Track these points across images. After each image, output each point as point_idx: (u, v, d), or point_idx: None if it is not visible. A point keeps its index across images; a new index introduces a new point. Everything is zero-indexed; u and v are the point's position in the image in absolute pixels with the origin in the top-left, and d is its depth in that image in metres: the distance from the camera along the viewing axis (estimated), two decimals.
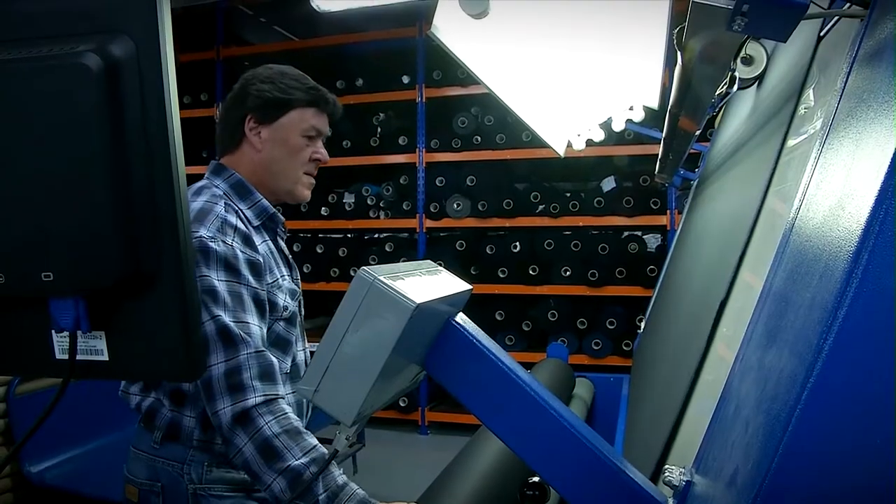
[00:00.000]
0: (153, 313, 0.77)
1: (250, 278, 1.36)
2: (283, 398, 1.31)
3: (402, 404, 5.44)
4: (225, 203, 1.40)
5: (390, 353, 0.69)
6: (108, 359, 0.79)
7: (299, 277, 1.61)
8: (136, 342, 0.78)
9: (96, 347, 0.80)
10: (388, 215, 5.63)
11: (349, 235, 5.97)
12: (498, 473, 1.69)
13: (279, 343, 1.45)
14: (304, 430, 1.28)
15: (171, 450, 1.40)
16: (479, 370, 0.81)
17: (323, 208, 5.69)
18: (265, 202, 1.49)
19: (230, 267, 1.33)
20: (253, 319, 1.34)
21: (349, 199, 5.65)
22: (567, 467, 0.79)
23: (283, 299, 1.45)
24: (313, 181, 1.56)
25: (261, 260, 1.39)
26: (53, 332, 0.80)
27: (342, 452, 0.86)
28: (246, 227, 1.41)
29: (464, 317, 0.87)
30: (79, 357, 0.79)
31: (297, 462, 1.22)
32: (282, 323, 1.45)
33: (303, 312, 1.59)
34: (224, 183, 1.47)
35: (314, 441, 1.27)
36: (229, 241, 1.35)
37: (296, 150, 1.50)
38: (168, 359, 0.78)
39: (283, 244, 1.57)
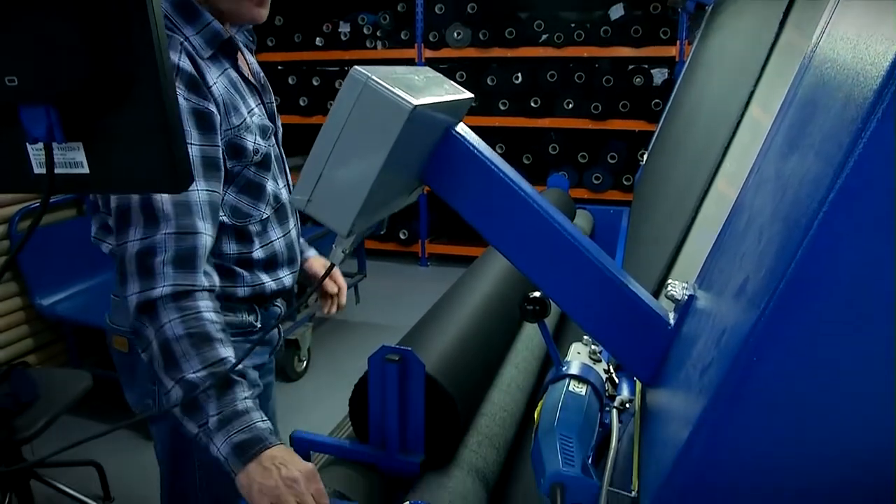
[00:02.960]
0: (132, 120, 0.72)
1: (194, 134, 1.16)
2: (203, 289, 1.14)
3: (402, 237, 5.53)
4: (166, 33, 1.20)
5: (386, 158, 0.65)
6: (88, 171, 0.76)
7: (273, 101, 1.44)
8: (117, 152, 0.74)
9: (75, 160, 0.76)
10: (386, 45, 5.42)
11: (346, 67, 5.75)
12: (497, 294, 1.71)
13: (251, 189, 1.31)
14: (217, 336, 1.11)
15: None
16: (480, 182, 0.77)
17: (318, 38, 5.47)
18: (216, 25, 1.24)
19: None
20: (191, 185, 1.12)
21: (345, 28, 5.42)
22: (568, 280, 0.78)
23: (252, 142, 1.28)
24: None
25: (212, 109, 1.18)
26: (28, 144, 0.76)
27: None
28: (194, 61, 1.18)
29: (465, 127, 0.82)
30: (58, 171, 0.76)
31: (192, 375, 1.08)
32: (252, 168, 1.30)
33: (281, 148, 1.44)
34: (166, 1, 1.21)
35: (223, 352, 1.11)
36: None
37: None
38: (151, 169, 0.74)
39: (247, 65, 1.36)
